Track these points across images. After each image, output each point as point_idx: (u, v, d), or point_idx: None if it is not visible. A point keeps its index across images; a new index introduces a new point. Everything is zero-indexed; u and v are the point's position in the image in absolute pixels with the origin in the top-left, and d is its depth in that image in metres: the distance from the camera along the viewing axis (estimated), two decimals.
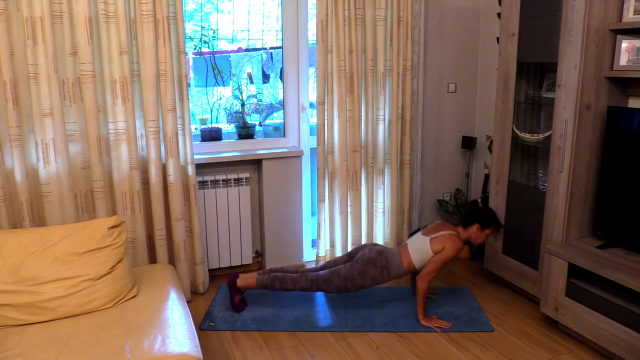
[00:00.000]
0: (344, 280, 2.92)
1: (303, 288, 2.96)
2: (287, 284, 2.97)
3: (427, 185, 4.06)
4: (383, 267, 2.93)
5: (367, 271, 2.92)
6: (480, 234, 3.00)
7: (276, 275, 2.99)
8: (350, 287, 2.93)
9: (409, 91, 3.56)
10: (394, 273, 2.95)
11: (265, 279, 3.00)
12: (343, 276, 2.92)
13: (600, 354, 2.68)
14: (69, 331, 2.13)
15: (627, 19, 2.70)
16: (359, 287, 2.93)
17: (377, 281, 2.94)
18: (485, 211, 3.03)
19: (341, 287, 2.93)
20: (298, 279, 2.97)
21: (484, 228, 3.00)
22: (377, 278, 2.93)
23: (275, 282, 2.98)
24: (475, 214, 3.01)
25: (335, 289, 2.94)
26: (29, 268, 2.27)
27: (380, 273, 2.93)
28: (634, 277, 2.46)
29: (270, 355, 2.70)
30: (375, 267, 2.92)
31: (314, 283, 2.95)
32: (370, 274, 2.92)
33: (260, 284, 3.00)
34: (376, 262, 2.93)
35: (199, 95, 3.73)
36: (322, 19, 3.26)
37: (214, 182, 3.41)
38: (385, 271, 2.93)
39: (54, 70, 2.68)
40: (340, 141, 3.46)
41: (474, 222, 2.99)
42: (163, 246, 3.12)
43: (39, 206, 2.86)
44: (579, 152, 2.84)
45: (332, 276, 2.94)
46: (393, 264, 2.95)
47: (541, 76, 3.25)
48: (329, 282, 2.93)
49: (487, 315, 3.07)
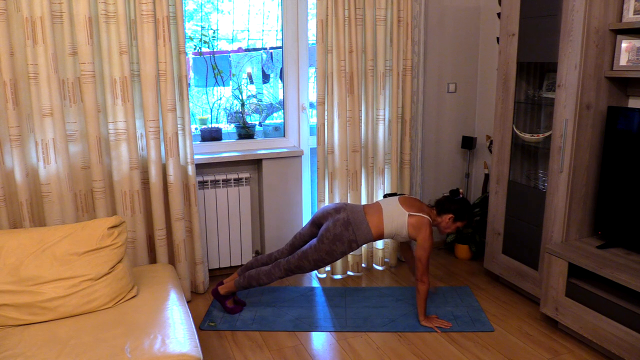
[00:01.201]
0: (314, 262, 2.89)
1: (280, 277, 2.96)
2: (262, 279, 2.97)
3: (427, 185, 4.06)
4: (351, 241, 2.86)
5: (334, 249, 2.85)
6: (450, 225, 2.97)
7: (250, 275, 2.99)
8: (322, 264, 2.91)
9: (409, 91, 3.56)
10: (361, 241, 2.89)
11: (242, 281, 3.00)
12: (312, 259, 2.88)
13: (600, 354, 2.68)
14: (69, 331, 2.13)
15: (627, 19, 2.70)
16: (329, 262, 2.92)
17: (346, 253, 2.90)
18: (463, 203, 2.98)
19: (314, 267, 2.92)
20: (271, 272, 2.95)
21: (456, 220, 2.97)
22: (345, 251, 2.89)
23: (252, 281, 2.98)
24: (453, 204, 2.96)
25: (309, 270, 2.94)
26: (29, 268, 2.27)
27: (348, 246, 2.87)
28: (634, 277, 2.46)
29: (270, 355, 2.70)
30: (342, 242, 2.85)
31: (288, 271, 2.94)
32: (339, 250, 2.86)
33: (240, 287, 3.01)
34: (343, 238, 2.84)
35: (199, 95, 3.73)
36: (322, 19, 3.26)
37: (214, 182, 3.41)
38: (353, 244, 2.87)
39: (54, 70, 2.68)
40: (340, 141, 3.46)
41: (449, 211, 2.95)
42: (163, 246, 3.12)
43: (39, 206, 2.86)
44: (579, 152, 2.84)
45: (301, 261, 2.90)
46: (361, 234, 2.87)
47: (541, 76, 3.25)
48: (300, 267, 2.92)
49: (487, 315, 3.07)
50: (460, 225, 2.99)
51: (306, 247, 2.92)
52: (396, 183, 3.67)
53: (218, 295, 3.07)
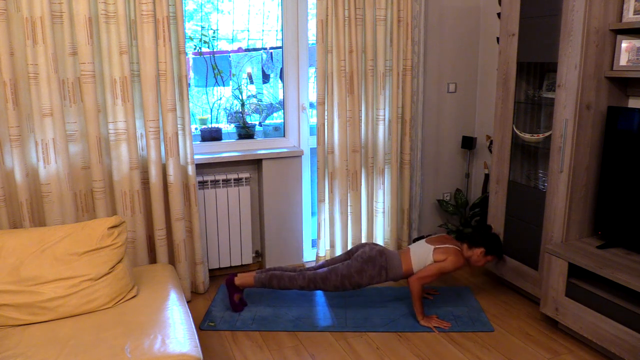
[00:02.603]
0: (342, 278, 2.92)
1: (301, 287, 2.97)
2: (284, 282, 2.97)
3: (427, 185, 4.06)
4: (382, 267, 2.93)
5: (365, 269, 2.92)
6: (481, 258, 3.03)
7: (274, 274, 3.00)
8: (348, 285, 2.93)
9: (409, 91, 3.56)
10: (392, 274, 2.95)
11: (263, 277, 3.00)
12: (340, 274, 2.93)
13: (600, 354, 2.68)
14: (69, 331, 2.13)
15: (627, 19, 2.70)
16: (355, 285, 2.93)
17: (374, 280, 2.94)
18: (494, 238, 3.08)
19: (338, 285, 2.93)
20: (296, 278, 2.97)
21: (487, 254, 3.03)
22: (374, 277, 2.93)
23: (273, 280, 2.98)
24: (485, 239, 3.04)
25: (332, 287, 2.95)
26: (29, 268, 2.27)
27: (378, 273, 2.93)
28: (634, 277, 2.46)
29: (270, 355, 2.70)
30: (374, 266, 2.93)
31: (312, 282, 2.95)
32: (368, 273, 2.92)
33: (258, 282, 3.01)
34: (375, 261, 2.93)
35: (199, 95, 3.73)
36: (322, 19, 3.26)
37: (214, 182, 3.41)
38: (383, 271, 2.93)
39: (54, 70, 2.68)
40: (340, 141, 3.46)
41: (481, 245, 3.02)
42: (163, 246, 3.12)
43: (39, 206, 2.86)
44: (579, 152, 2.84)
45: (329, 274, 2.94)
46: (392, 265, 2.95)
47: (541, 76, 3.25)
48: (326, 280, 2.94)
49: (487, 315, 3.07)
50: (490, 259, 3.06)
51: (338, 264, 3.00)
52: (396, 183, 3.67)
53: (231, 285, 3.05)
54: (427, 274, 2.91)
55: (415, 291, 2.91)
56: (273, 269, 3.08)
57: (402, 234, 3.83)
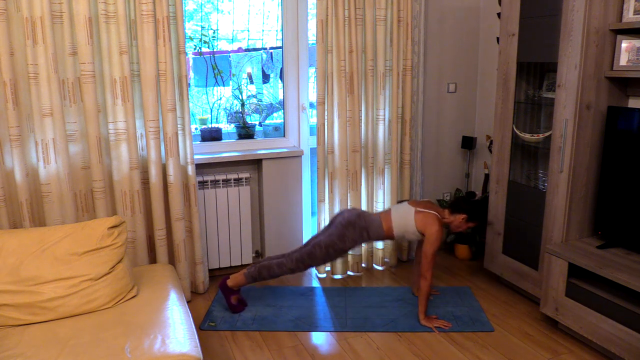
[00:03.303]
0: (326, 248, 2.93)
1: (291, 269, 2.98)
2: (274, 270, 2.98)
3: (427, 185, 4.06)
4: (362, 228, 2.94)
5: (346, 234, 2.93)
6: (462, 224, 3.02)
7: (262, 265, 3.01)
8: (333, 253, 2.94)
9: (409, 91, 3.56)
10: (373, 234, 2.96)
11: (253, 271, 3.02)
12: (324, 245, 2.94)
13: (600, 354, 2.68)
14: (69, 331, 2.13)
15: (627, 19, 2.70)
16: (340, 250, 2.94)
17: (357, 242, 2.95)
18: (477, 205, 3.06)
19: (325, 256, 2.94)
20: (284, 263, 2.98)
21: (469, 220, 3.01)
22: (357, 240, 2.94)
23: (263, 271, 2.99)
24: (468, 205, 3.03)
25: (320, 260, 2.95)
26: (29, 268, 2.27)
27: (359, 234, 2.94)
28: (634, 277, 2.46)
29: (270, 355, 2.70)
30: (354, 228, 2.93)
31: (299, 261, 2.96)
32: (350, 237, 2.93)
33: (249, 278, 3.02)
34: (355, 224, 2.94)
35: (199, 95, 3.73)
36: (322, 19, 3.26)
37: (214, 182, 3.41)
38: (364, 232, 2.94)
39: (54, 70, 2.68)
40: (340, 141, 3.46)
41: (463, 211, 3.00)
42: (163, 246, 3.12)
43: (39, 206, 2.86)
44: (579, 152, 2.84)
45: (314, 249, 2.95)
46: (372, 226, 2.96)
47: (541, 76, 3.25)
48: (312, 255, 2.95)
49: (487, 315, 3.07)
50: (472, 225, 3.04)
51: (319, 237, 3.01)
52: (396, 183, 3.67)
53: (225, 289, 3.06)
54: (427, 263, 2.87)
55: (425, 289, 2.90)
56: (260, 261, 3.09)
57: None
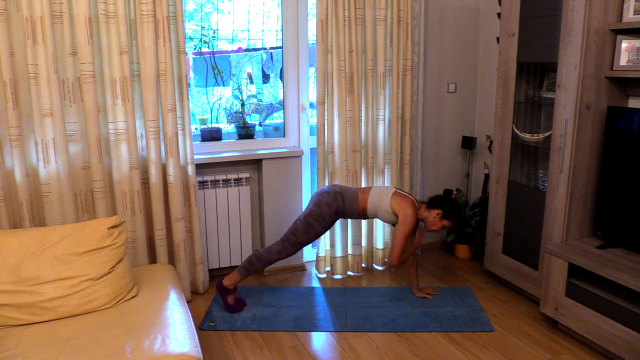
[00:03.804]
0: (305, 219, 2.99)
1: (279, 251, 3.02)
2: (263, 256, 3.04)
3: (427, 185, 4.06)
4: (337, 192, 3.02)
5: (321, 200, 3.00)
6: (437, 222, 3.02)
7: (252, 255, 3.08)
8: (313, 221, 2.98)
9: (409, 91, 3.56)
10: (348, 200, 3.01)
11: (244, 263, 3.07)
12: (303, 217, 3.01)
13: (600, 354, 2.68)
14: (69, 331, 2.13)
15: (627, 19, 2.70)
16: (319, 217, 2.98)
17: (332, 207, 2.99)
18: (453, 203, 3.06)
19: (307, 229, 2.98)
20: (271, 247, 3.05)
21: (444, 217, 3.01)
22: (331, 203, 2.99)
23: (253, 260, 3.05)
24: (443, 201, 3.04)
25: (303, 233, 2.99)
26: (29, 268, 2.27)
27: (334, 197, 3.00)
28: (634, 277, 2.46)
29: (270, 355, 2.70)
30: (329, 193, 3.01)
31: (285, 241, 3.02)
32: (324, 201, 2.99)
33: (242, 272, 3.06)
34: (329, 191, 3.03)
35: (199, 95, 3.73)
36: (322, 19, 3.26)
37: (214, 182, 3.41)
38: (339, 196, 3.01)
39: (54, 70, 2.68)
40: (340, 141, 3.46)
41: (438, 207, 3.01)
42: (163, 246, 3.12)
43: (39, 206, 2.86)
44: (579, 152, 2.84)
45: (295, 224, 3.03)
46: (347, 193, 3.03)
47: (541, 76, 3.25)
48: (295, 231, 3.00)
49: (487, 315, 3.07)
50: (447, 224, 3.03)
51: None
52: (396, 183, 3.67)
53: (222, 289, 3.07)
54: (395, 247, 2.93)
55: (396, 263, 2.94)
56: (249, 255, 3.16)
57: None
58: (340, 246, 3.62)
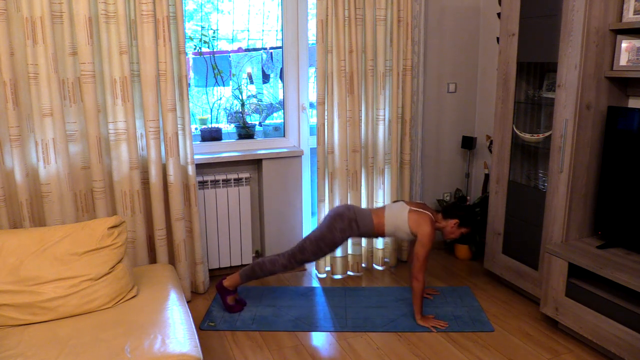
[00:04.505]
0: (316, 241, 2.94)
1: (283, 265, 2.99)
2: (267, 267, 3.00)
3: (427, 185, 4.06)
4: (351, 219, 2.94)
5: (334, 225, 2.93)
6: (455, 230, 3.02)
7: (256, 262, 3.04)
8: (323, 246, 2.94)
9: (409, 91, 3.56)
10: (362, 226, 2.96)
11: (247, 269, 3.04)
12: (314, 238, 2.95)
13: (600, 354, 2.68)
14: (69, 331, 2.13)
15: (627, 19, 2.70)
16: (330, 243, 2.94)
17: (346, 233, 2.94)
18: (469, 210, 3.06)
19: (316, 250, 2.95)
20: (277, 259, 3.00)
21: (461, 226, 3.01)
22: (345, 230, 2.93)
23: (256, 268, 3.01)
24: (459, 210, 3.03)
25: (311, 254, 2.95)
26: (29, 268, 2.27)
27: (348, 225, 2.93)
28: (634, 277, 2.46)
29: (270, 355, 2.70)
30: (343, 219, 2.94)
31: (292, 257, 2.98)
32: (337, 227, 2.93)
33: (244, 276, 3.04)
34: (344, 215, 2.95)
35: (199, 95, 3.73)
36: (322, 19, 3.26)
37: (214, 182, 3.41)
38: (353, 223, 2.94)
39: (54, 70, 2.68)
40: (340, 141, 3.46)
41: (455, 216, 3.00)
42: (163, 246, 3.12)
43: (39, 206, 2.86)
44: (579, 152, 2.84)
45: (304, 243, 2.97)
46: (361, 218, 2.96)
47: (541, 76, 3.25)
48: (303, 249, 2.96)
49: (487, 315, 3.07)
50: (464, 231, 3.04)
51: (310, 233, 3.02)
52: (396, 183, 3.67)
53: (221, 289, 3.07)
54: (420, 265, 2.88)
55: (417, 289, 2.90)
56: (254, 261, 3.11)
57: None
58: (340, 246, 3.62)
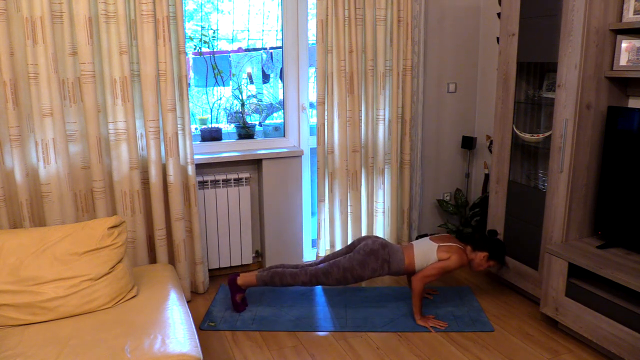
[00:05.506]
0: (344, 272, 2.92)
1: (303, 282, 2.96)
2: (286, 278, 2.97)
3: (427, 185, 4.06)
4: (384, 260, 2.93)
5: (367, 262, 2.92)
6: (484, 263, 3.03)
7: (276, 271, 3.00)
8: (350, 277, 2.93)
9: (409, 91, 3.56)
10: (394, 268, 2.95)
11: (265, 275, 3.00)
12: (342, 267, 2.93)
13: (600, 354, 2.68)
14: (69, 331, 2.13)
15: (627, 19, 2.70)
16: (358, 277, 2.93)
17: (376, 273, 2.93)
18: (499, 244, 3.07)
19: (340, 279, 2.93)
20: (298, 274, 2.97)
21: (490, 259, 3.03)
22: (376, 270, 2.93)
23: (275, 278, 2.98)
24: (490, 243, 3.04)
25: (335, 281, 2.94)
26: (29, 268, 2.27)
27: (380, 266, 2.92)
28: (634, 277, 2.46)
29: (270, 355, 2.70)
30: (377, 258, 2.92)
31: (314, 277, 2.95)
32: (370, 265, 2.92)
33: (260, 281, 3.01)
34: (378, 254, 2.93)
35: (199, 95, 3.73)
36: (322, 19, 3.26)
37: (214, 182, 3.41)
38: (385, 264, 2.93)
39: (54, 70, 2.68)
40: (340, 141, 3.46)
41: (485, 249, 3.01)
42: (163, 246, 3.12)
43: (39, 206, 2.86)
44: (579, 152, 2.84)
45: (331, 268, 2.94)
46: (395, 259, 2.95)
47: (541, 76, 3.25)
48: (328, 274, 2.94)
49: (487, 315, 3.07)
50: (492, 264, 3.05)
51: (339, 258, 2.98)
52: (396, 183, 3.67)
53: (234, 286, 3.05)
54: (431, 273, 2.90)
55: (417, 290, 2.91)
56: (275, 266, 3.08)
57: (402, 234, 3.83)
58: (340, 246, 3.63)
